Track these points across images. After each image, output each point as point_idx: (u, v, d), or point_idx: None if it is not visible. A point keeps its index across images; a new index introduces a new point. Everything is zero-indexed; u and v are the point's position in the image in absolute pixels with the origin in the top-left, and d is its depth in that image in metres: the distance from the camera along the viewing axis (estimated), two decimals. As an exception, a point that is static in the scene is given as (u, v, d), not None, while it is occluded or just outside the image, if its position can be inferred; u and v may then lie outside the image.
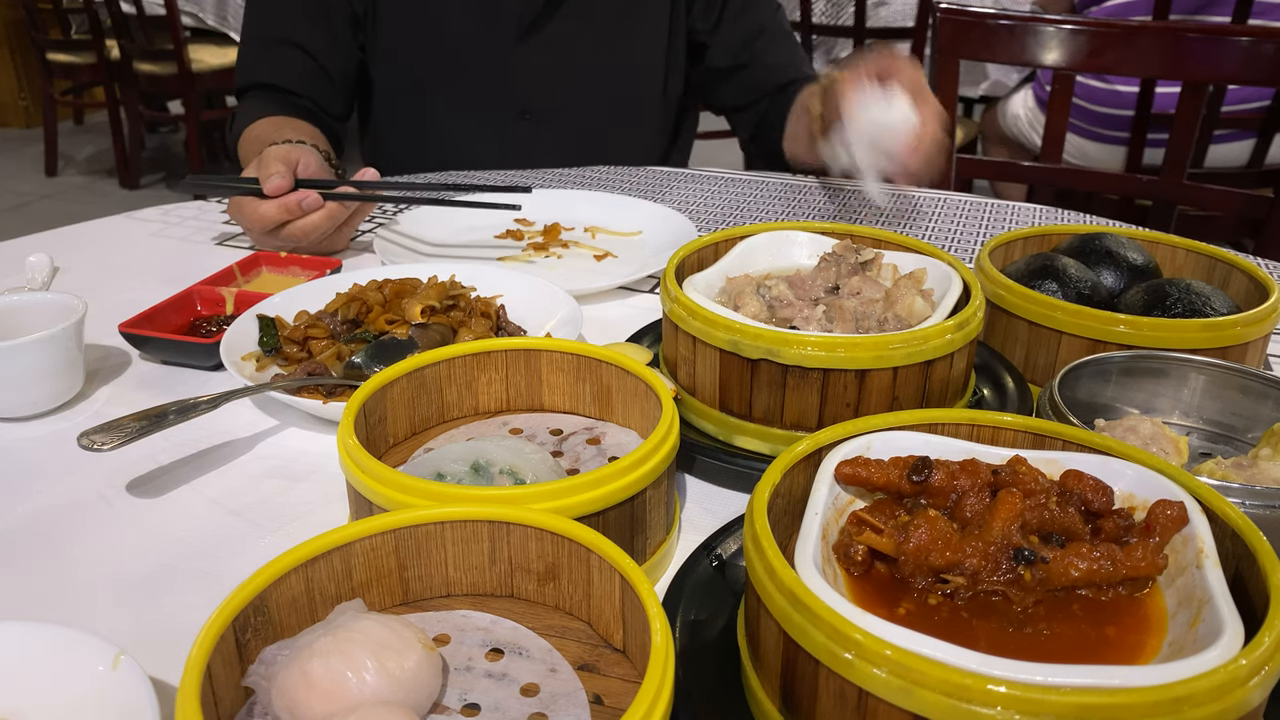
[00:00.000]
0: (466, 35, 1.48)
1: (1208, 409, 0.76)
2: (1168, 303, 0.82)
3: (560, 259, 1.20)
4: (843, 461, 0.55)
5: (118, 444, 0.72)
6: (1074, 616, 0.48)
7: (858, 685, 0.43)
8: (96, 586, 0.66)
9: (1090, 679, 0.40)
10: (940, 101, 1.70)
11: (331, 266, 1.11)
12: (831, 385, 0.70)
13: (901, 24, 2.87)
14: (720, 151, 4.22)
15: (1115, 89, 2.42)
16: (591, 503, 0.58)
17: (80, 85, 4.89)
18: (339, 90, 1.48)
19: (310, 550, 0.51)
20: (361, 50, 1.50)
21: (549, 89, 1.53)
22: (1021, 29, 1.65)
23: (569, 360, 0.75)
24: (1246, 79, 1.67)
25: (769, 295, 0.80)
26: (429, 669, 0.49)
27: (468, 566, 0.56)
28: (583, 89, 1.55)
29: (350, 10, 1.45)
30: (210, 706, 0.45)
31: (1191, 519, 0.50)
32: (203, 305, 1.01)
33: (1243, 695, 0.41)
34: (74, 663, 0.50)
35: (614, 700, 0.50)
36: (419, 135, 1.56)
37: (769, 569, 0.47)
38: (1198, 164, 2.35)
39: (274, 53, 1.45)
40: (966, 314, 0.73)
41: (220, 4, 3.61)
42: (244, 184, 1.13)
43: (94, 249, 1.24)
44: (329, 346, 0.89)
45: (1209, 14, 2.34)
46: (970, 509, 0.52)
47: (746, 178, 1.54)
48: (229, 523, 0.72)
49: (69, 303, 0.88)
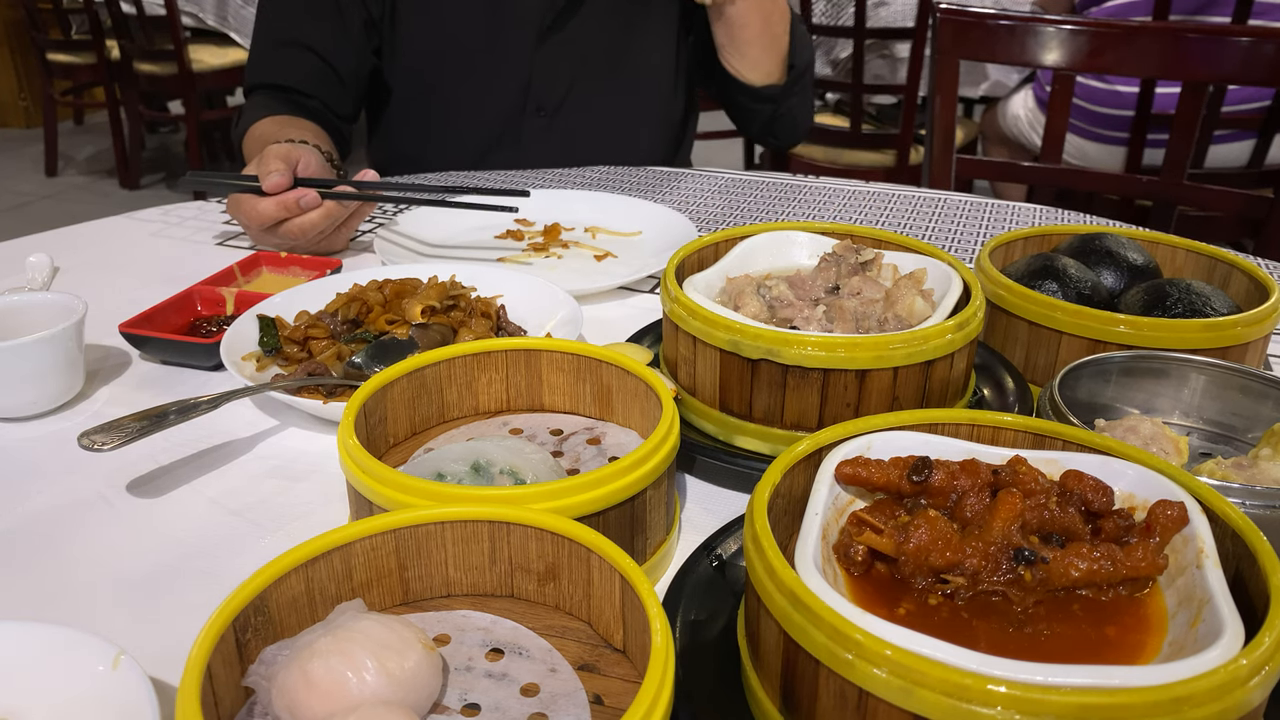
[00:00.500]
0: (485, 37, 1.48)
1: (1208, 409, 0.76)
2: (1168, 303, 0.82)
3: (560, 259, 1.20)
4: (843, 461, 0.55)
5: (118, 444, 0.73)
6: (1074, 617, 0.48)
7: (858, 685, 0.43)
8: (96, 586, 0.66)
9: (1090, 679, 0.40)
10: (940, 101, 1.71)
11: (331, 266, 1.11)
12: (831, 385, 0.70)
13: (901, 24, 2.87)
14: (720, 151, 4.23)
15: (1115, 89, 2.42)
16: (591, 503, 0.58)
17: (80, 85, 4.89)
18: (349, 91, 1.48)
19: (310, 550, 0.51)
20: (376, 54, 1.50)
21: (565, 89, 1.53)
22: (1021, 29, 1.65)
23: (569, 360, 0.75)
24: (1246, 79, 1.67)
25: (769, 295, 0.80)
26: (429, 669, 0.49)
27: (468, 566, 0.56)
28: (598, 88, 1.55)
29: (365, 13, 1.45)
30: (210, 706, 0.45)
31: (1192, 519, 0.50)
32: (203, 305, 1.01)
33: (1243, 695, 0.41)
34: (74, 663, 0.50)
35: (614, 700, 0.50)
36: (432, 134, 1.56)
37: (769, 569, 0.47)
38: (1198, 164, 2.35)
39: (284, 53, 1.45)
40: (966, 314, 0.73)
41: (220, 4, 3.61)
42: (244, 181, 1.13)
43: (94, 249, 1.24)
44: (329, 346, 0.89)
45: (1209, 14, 2.34)
46: (970, 509, 0.52)
47: (746, 178, 1.54)
48: (229, 523, 0.72)
49: (69, 303, 0.88)
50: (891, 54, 2.97)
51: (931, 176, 1.75)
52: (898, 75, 2.94)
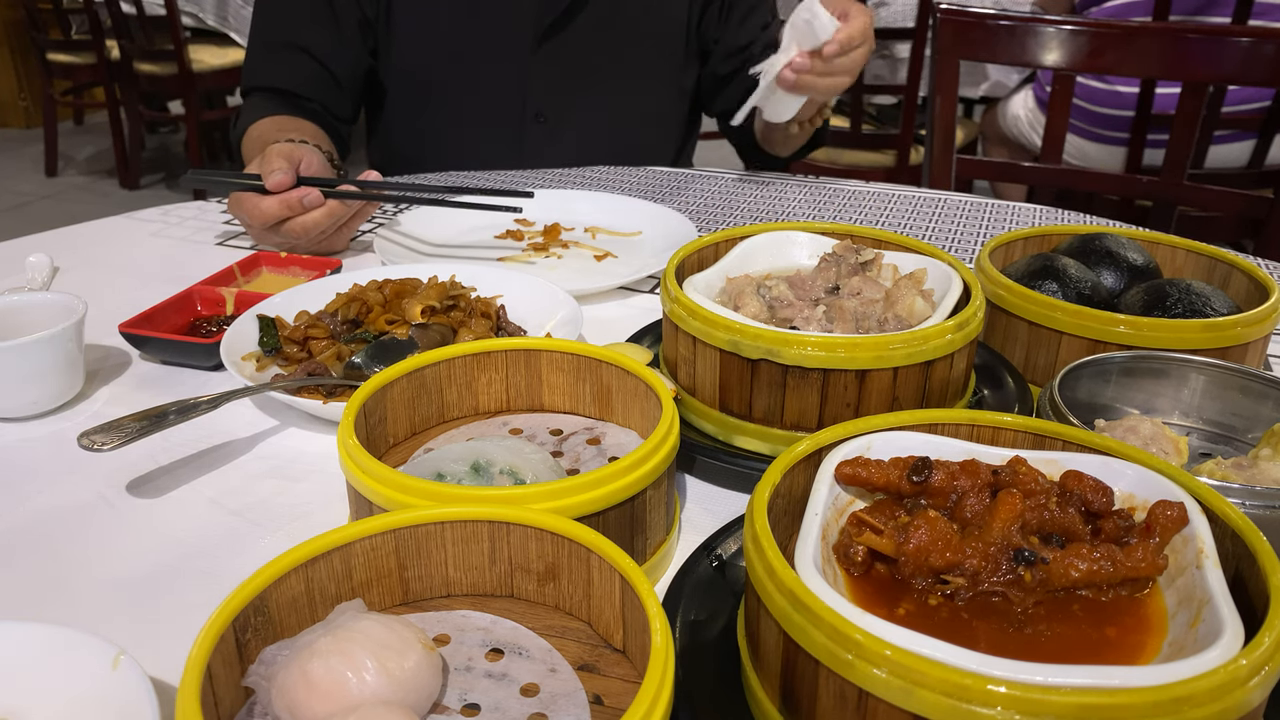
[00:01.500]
0: (481, 40, 1.48)
1: (1208, 409, 0.76)
2: (1168, 303, 0.82)
3: (560, 259, 1.20)
4: (843, 462, 0.55)
5: (118, 444, 0.73)
6: (1074, 617, 0.48)
7: (858, 685, 0.43)
8: (96, 586, 0.66)
9: (1090, 679, 0.40)
10: (940, 101, 1.71)
11: (331, 266, 1.11)
12: (831, 385, 0.70)
13: (902, 24, 2.87)
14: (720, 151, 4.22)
15: (1115, 89, 2.42)
16: (591, 503, 0.58)
17: (80, 85, 4.89)
18: (346, 94, 1.48)
19: (310, 550, 0.51)
20: (372, 55, 1.50)
21: (564, 96, 1.53)
22: (1021, 29, 1.65)
23: (569, 360, 0.75)
24: (1246, 79, 1.67)
25: (769, 295, 0.80)
26: (429, 669, 0.49)
27: (468, 566, 0.56)
28: (597, 96, 1.55)
29: (360, 14, 1.45)
30: (210, 706, 0.45)
31: (1191, 519, 0.50)
32: (203, 305, 1.01)
33: (1243, 695, 0.41)
34: (74, 663, 0.50)
35: (614, 700, 0.50)
36: (430, 138, 1.56)
37: (769, 569, 0.47)
38: (1198, 164, 2.35)
39: (280, 56, 1.45)
40: (966, 314, 0.73)
41: (220, 4, 3.61)
42: (245, 180, 1.13)
43: (94, 249, 1.24)
44: (329, 347, 0.89)
45: (1209, 14, 2.34)
46: (970, 509, 0.52)
47: (746, 178, 1.55)
48: (229, 523, 0.72)
49: (69, 303, 0.88)
50: (891, 54, 2.97)
51: (931, 176, 1.75)
52: (898, 75, 2.94)
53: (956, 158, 1.75)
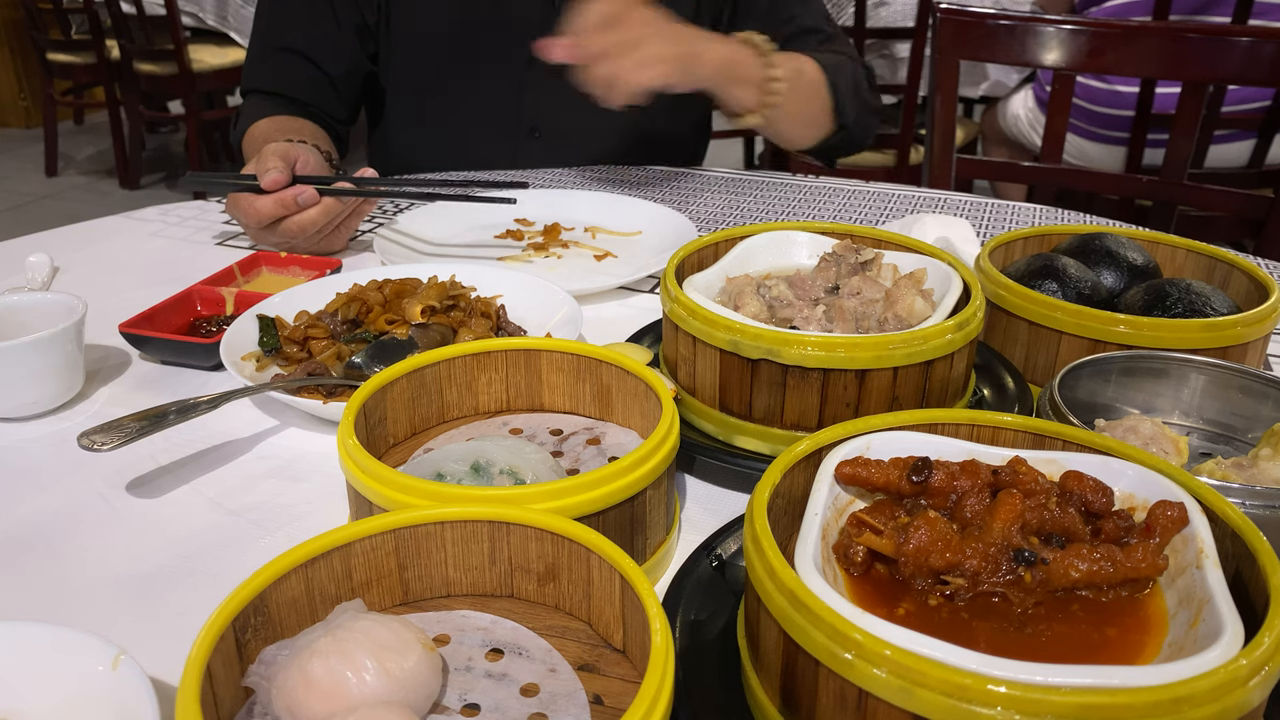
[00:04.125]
0: (479, 51, 1.47)
1: (1208, 409, 0.76)
2: (1168, 303, 0.82)
3: (560, 259, 1.20)
4: (843, 462, 0.55)
5: (118, 444, 0.73)
6: (1074, 617, 0.48)
7: (858, 685, 0.43)
8: (96, 586, 0.66)
9: (1090, 679, 0.40)
10: (940, 101, 1.70)
11: (331, 266, 1.11)
12: (831, 385, 0.70)
13: (901, 24, 2.87)
14: (720, 151, 4.23)
15: (1115, 89, 2.42)
16: (591, 503, 0.58)
17: (80, 85, 4.89)
18: (344, 97, 1.48)
19: (310, 550, 0.51)
20: (372, 61, 1.50)
21: (560, 111, 1.51)
22: (1021, 29, 1.65)
23: (569, 360, 0.75)
24: (1246, 79, 1.67)
25: (769, 295, 0.80)
26: (429, 669, 0.49)
27: (468, 566, 0.56)
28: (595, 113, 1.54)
29: (360, 19, 1.45)
30: (210, 706, 0.45)
31: (1192, 519, 0.50)
32: (203, 305, 1.01)
33: (1243, 695, 0.41)
34: (74, 663, 0.50)
35: (614, 700, 0.50)
36: (431, 139, 1.56)
37: (769, 569, 0.47)
38: (1198, 164, 2.35)
39: (279, 60, 1.45)
40: (966, 314, 0.73)
41: (220, 4, 3.61)
42: (243, 180, 1.13)
43: (94, 249, 1.24)
44: (329, 346, 0.89)
45: (1209, 14, 2.34)
46: (970, 510, 0.52)
47: (746, 178, 1.54)
48: (229, 523, 0.72)
49: (69, 303, 0.88)
50: (891, 54, 2.97)
51: (931, 176, 1.75)
52: (898, 75, 2.94)
53: (956, 157, 1.75)
